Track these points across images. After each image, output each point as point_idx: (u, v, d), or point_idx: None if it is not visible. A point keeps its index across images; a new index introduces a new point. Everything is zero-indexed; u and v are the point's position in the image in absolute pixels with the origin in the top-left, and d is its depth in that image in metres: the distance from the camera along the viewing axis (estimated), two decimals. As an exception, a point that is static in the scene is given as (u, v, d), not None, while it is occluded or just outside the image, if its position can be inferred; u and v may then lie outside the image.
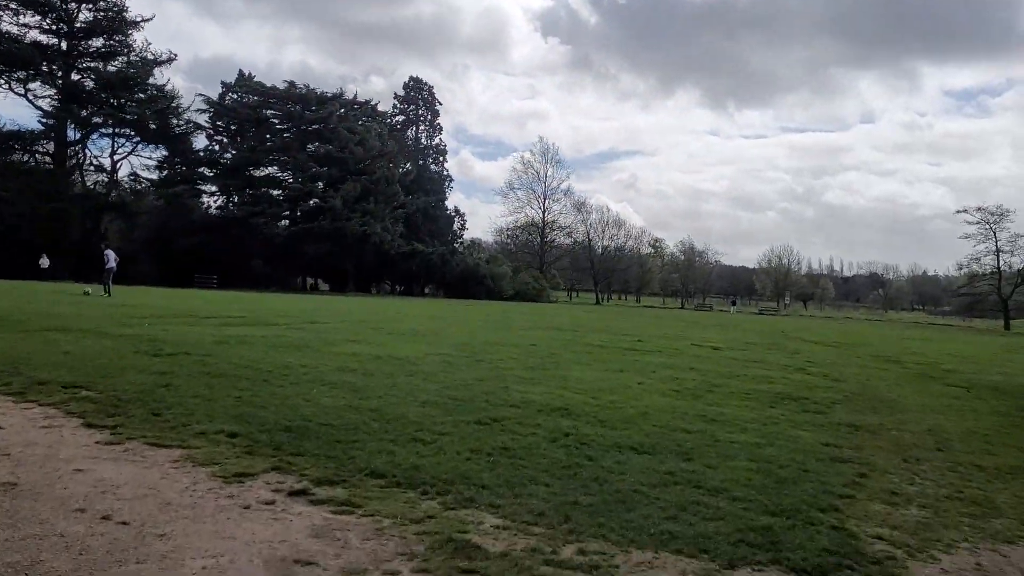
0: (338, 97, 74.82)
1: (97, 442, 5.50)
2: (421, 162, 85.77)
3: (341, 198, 66.99)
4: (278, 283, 75.86)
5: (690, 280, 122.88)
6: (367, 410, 7.54)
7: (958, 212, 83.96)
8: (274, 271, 77.15)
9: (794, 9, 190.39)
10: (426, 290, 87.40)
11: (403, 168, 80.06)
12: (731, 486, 5.82)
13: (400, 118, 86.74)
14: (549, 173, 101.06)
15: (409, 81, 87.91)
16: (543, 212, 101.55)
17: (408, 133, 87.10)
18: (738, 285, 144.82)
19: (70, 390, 7.24)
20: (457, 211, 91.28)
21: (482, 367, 11.81)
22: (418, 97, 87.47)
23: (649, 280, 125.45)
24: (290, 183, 72.74)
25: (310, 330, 16.12)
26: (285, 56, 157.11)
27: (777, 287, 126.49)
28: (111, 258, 27.05)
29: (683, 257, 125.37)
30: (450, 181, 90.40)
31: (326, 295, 66.30)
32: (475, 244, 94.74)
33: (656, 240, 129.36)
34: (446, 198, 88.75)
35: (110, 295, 25.08)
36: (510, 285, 79.75)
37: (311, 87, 73.89)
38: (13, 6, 65.01)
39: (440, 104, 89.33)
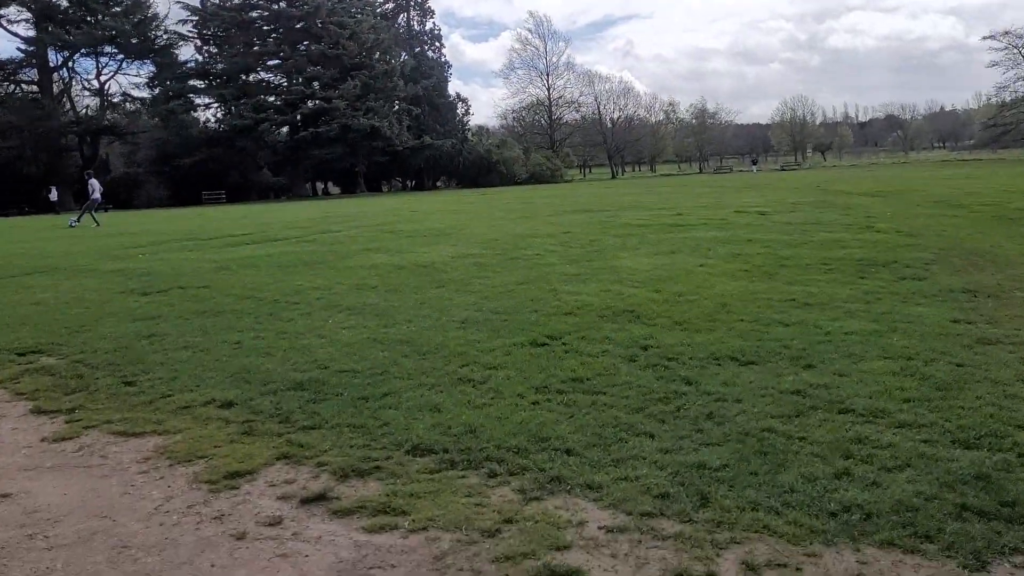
0: (322, -12, 70.71)
1: (44, 439, 4.11)
2: (417, 50, 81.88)
3: (342, 97, 64.25)
4: (288, 191, 74.20)
5: (705, 143, 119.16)
6: (396, 342, 6.11)
7: (984, 39, 79.64)
8: (283, 180, 75.33)
9: None
10: (438, 183, 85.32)
11: (400, 59, 76.53)
12: (886, 404, 4.38)
13: (390, 5, 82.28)
14: (548, 48, 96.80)
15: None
16: (548, 89, 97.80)
17: (400, 20, 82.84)
18: (754, 143, 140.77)
19: (27, 357, 5.85)
20: (459, 97, 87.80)
21: (519, 267, 10.32)
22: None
23: (663, 148, 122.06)
24: (286, 87, 69.82)
25: (322, 242, 14.63)
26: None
27: (794, 141, 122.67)
28: (95, 187, 25.43)
29: (695, 121, 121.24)
30: (449, 67, 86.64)
31: (337, 199, 64.54)
32: (483, 130, 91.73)
33: (670, 104, 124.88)
34: (447, 85, 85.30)
35: (98, 225, 23.63)
36: (523, 169, 77.41)
37: (292, -20, 69.81)
38: (-32, -75, 61.16)
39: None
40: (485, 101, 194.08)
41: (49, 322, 7.11)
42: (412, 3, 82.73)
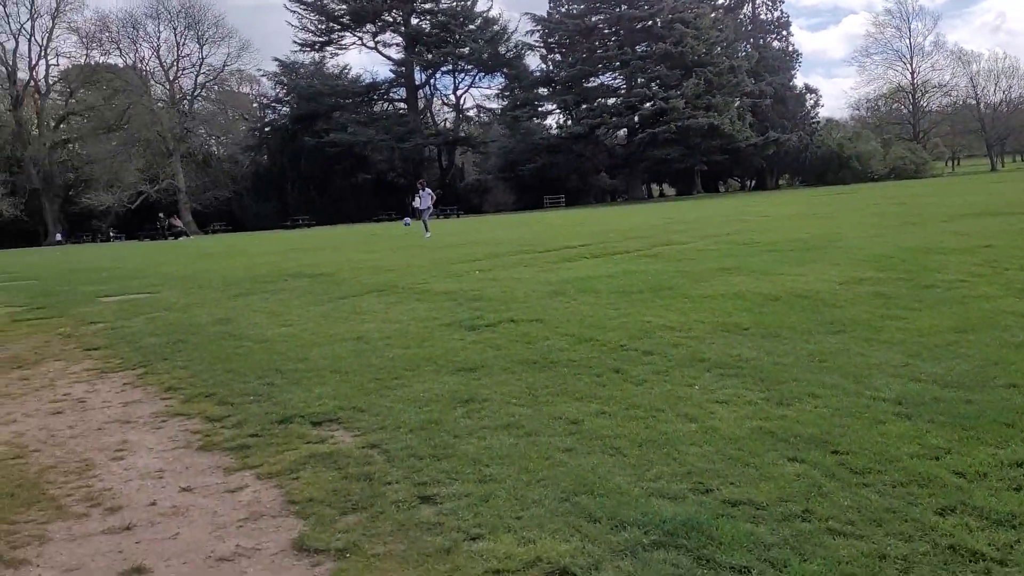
0: (664, -13, 69.44)
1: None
2: (762, 40, 77.40)
3: (682, 95, 62.50)
4: (624, 194, 74.29)
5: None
6: (804, 441, 4.00)
7: None
8: (619, 182, 75.63)
9: None
10: (780, 181, 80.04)
11: (743, 51, 72.78)
12: None
13: (734, -4, 78.72)
14: (912, 28, 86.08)
15: (739, -48, 79.06)
16: (912, 74, 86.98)
17: (744, 11, 78.90)
18: None
19: (321, 430, 4.63)
20: (808, 88, 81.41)
21: (942, 300, 7.54)
22: (751, -32, 78.51)
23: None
24: (625, 90, 69.75)
25: (667, 257, 12.78)
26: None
27: None
28: (426, 197, 25.70)
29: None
30: (798, 57, 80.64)
31: (673, 200, 62.80)
32: (831, 124, 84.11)
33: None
34: (794, 77, 79.47)
35: (428, 233, 24.01)
36: (881, 164, 69.58)
37: (635, -19, 69.46)
38: (352, -36, 69.41)
39: (776, -31, 79.20)
40: (828, 93, 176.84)
41: (362, 370, 6.02)
42: (758, -9, 78.39)
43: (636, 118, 66.85)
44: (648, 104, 66.07)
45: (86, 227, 65.44)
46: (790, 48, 79.78)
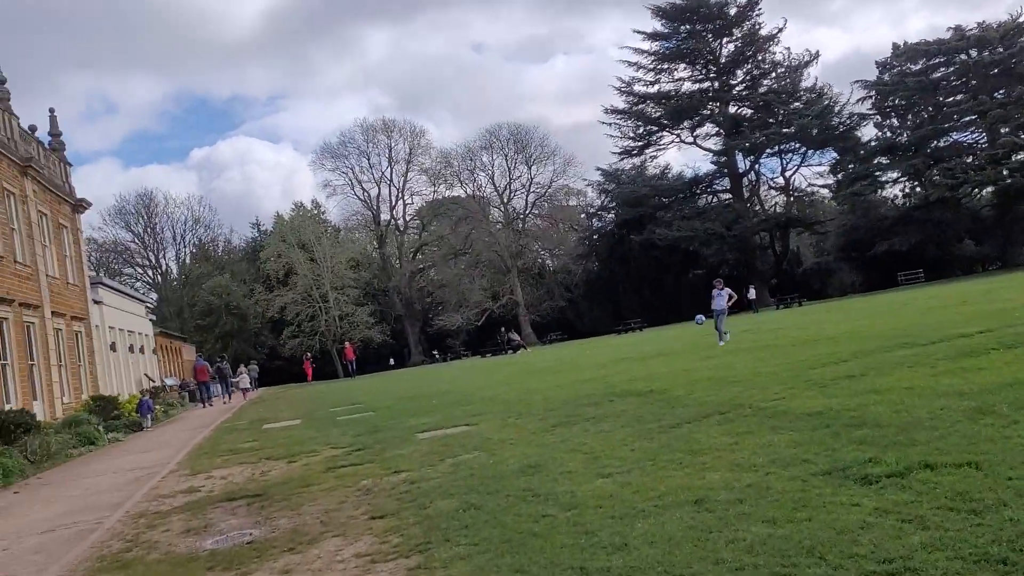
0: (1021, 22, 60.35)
1: None
2: None
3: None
4: (995, 261, 63.72)
5: None
6: None
7: None
8: (988, 248, 65.21)
9: None
10: None
11: None
12: None
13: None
14: None
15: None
16: None
17: None
18: None
19: None
20: None
21: None
22: None
23: None
24: (987, 142, 60.72)
25: None
26: (908, 28, 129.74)
27: None
28: (721, 296, 21.21)
29: None
30: None
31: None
32: None
33: None
34: None
35: (723, 340, 19.70)
36: None
37: (985, 22, 61.23)
38: (665, 66, 70.06)
39: None
40: None
41: (706, 572, 3.95)
42: None
43: (1004, 171, 57.55)
44: (1019, 156, 56.67)
45: (441, 346, 71.08)
46: None
